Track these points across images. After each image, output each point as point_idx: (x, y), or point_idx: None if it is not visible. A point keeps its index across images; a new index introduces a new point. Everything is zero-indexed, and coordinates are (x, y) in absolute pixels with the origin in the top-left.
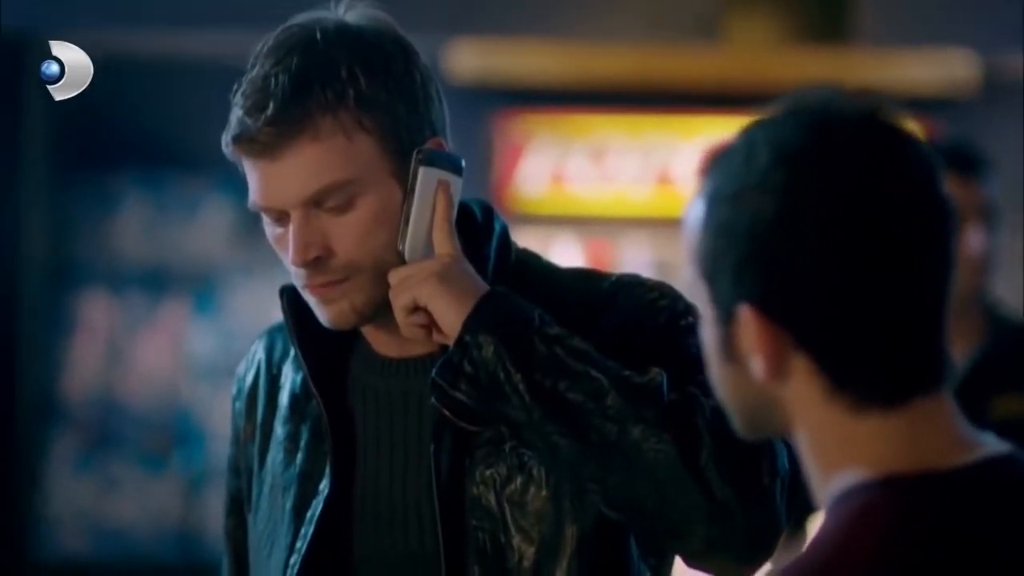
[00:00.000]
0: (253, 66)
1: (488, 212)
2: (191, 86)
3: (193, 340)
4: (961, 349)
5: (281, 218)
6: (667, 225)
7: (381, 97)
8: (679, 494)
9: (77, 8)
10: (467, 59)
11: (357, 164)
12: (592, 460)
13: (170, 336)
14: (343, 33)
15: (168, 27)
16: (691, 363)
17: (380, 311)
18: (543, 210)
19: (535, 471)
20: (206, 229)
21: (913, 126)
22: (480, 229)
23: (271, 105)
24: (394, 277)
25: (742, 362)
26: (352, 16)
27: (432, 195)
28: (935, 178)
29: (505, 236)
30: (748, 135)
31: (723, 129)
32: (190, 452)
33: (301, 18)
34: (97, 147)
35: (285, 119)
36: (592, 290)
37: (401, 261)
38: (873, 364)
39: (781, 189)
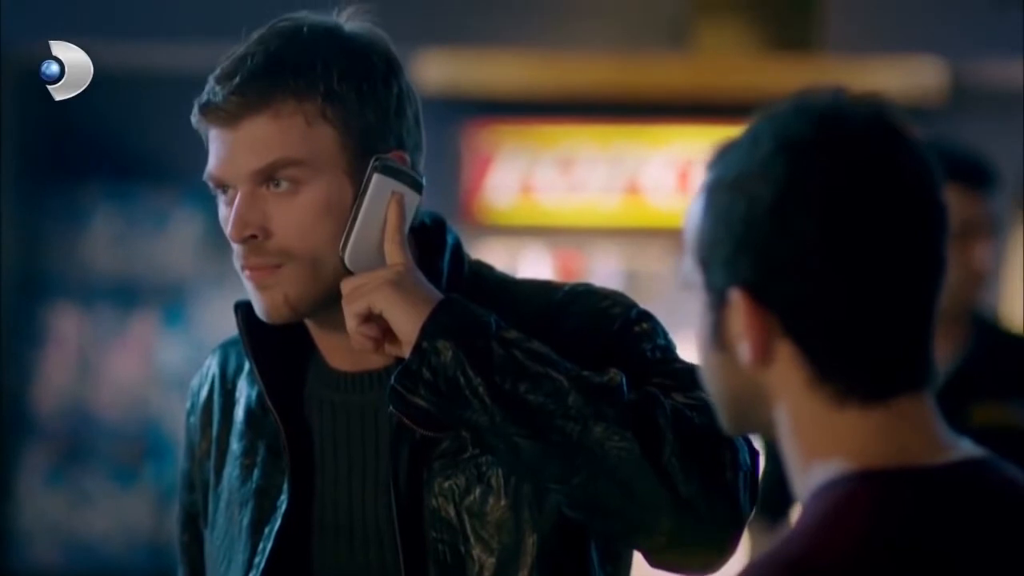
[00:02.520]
0: (241, 46)
1: (440, 225)
2: (160, 99)
3: (163, 352)
4: (945, 355)
5: (233, 197)
6: (636, 235)
7: (351, 97)
8: (643, 491)
9: (46, 21)
10: (435, 69)
11: (312, 149)
12: (555, 460)
13: (140, 348)
14: (331, 33)
15: (138, 40)
16: (647, 367)
17: (314, 309)
18: (512, 221)
19: (494, 481)
20: (175, 242)
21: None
22: (432, 242)
23: (239, 76)
24: (347, 286)
25: (731, 349)
26: (350, 24)
27: (383, 205)
28: (934, 183)
29: (458, 249)
30: (755, 127)
31: (692, 139)
32: (161, 464)
33: (300, 14)
34: (67, 160)
35: (250, 91)
36: (546, 301)
37: (340, 264)
38: (856, 357)
39: (781, 177)
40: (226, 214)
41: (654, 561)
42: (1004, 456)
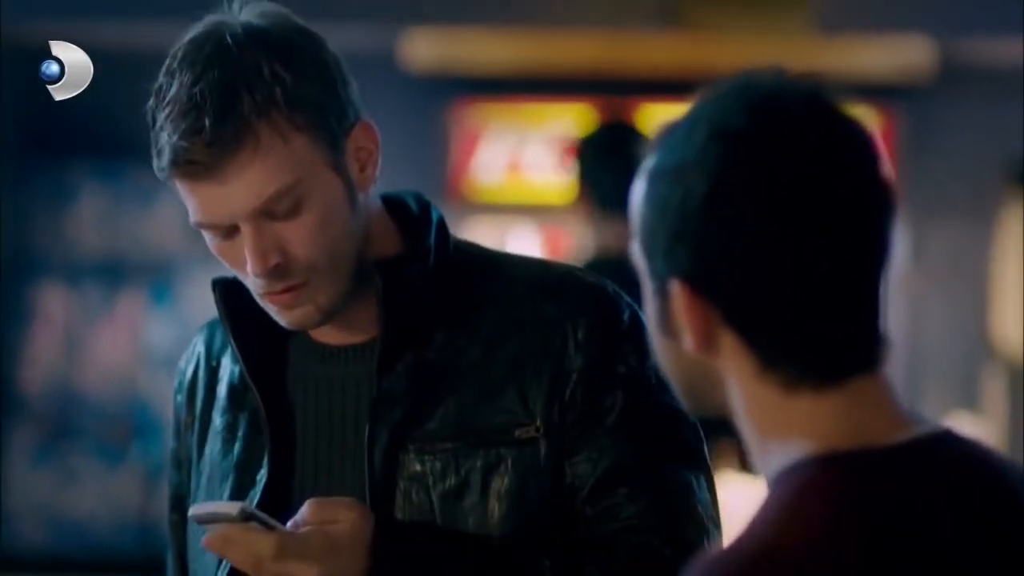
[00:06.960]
0: (169, 84)
1: (424, 204)
2: (148, 77)
3: (150, 331)
4: None
5: (229, 232)
6: None
7: (305, 90)
8: None
9: (38, 2)
10: (423, 48)
11: (298, 165)
12: None
13: (127, 327)
14: (252, 33)
15: (126, 18)
16: (606, 374)
17: (343, 305)
18: (500, 199)
19: (466, 472)
20: (163, 220)
21: (868, 112)
22: (417, 221)
23: (206, 123)
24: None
25: (678, 335)
26: (250, 14)
27: None
28: (874, 163)
29: (443, 226)
30: (693, 111)
31: None
32: (148, 443)
33: (202, 26)
34: (54, 138)
35: (223, 136)
36: (538, 278)
37: (354, 248)
38: (801, 345)
39: (715, 167)
40: (222, 245)
41: None
42: None
